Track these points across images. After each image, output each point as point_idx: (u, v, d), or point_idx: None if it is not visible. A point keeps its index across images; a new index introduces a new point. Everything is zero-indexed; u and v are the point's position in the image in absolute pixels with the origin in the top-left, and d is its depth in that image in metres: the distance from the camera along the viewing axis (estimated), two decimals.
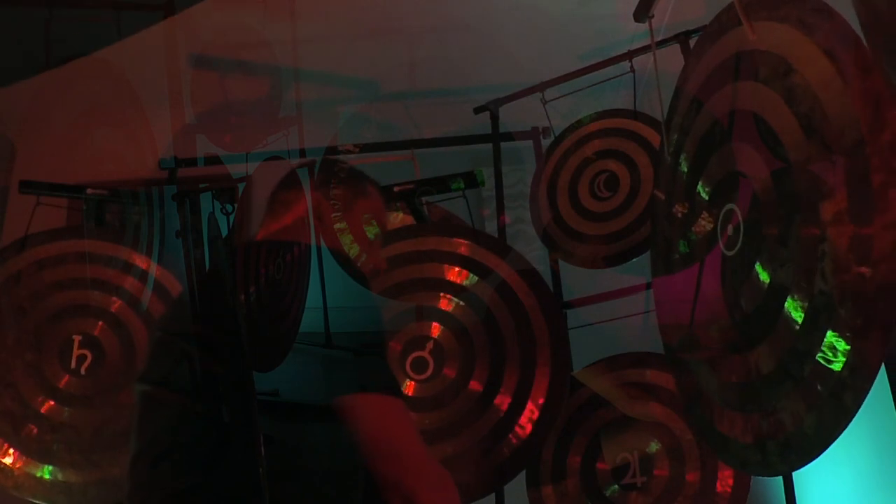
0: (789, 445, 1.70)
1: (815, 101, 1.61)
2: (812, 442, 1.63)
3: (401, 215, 3.30)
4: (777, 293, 1.71)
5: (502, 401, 2.74)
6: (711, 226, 2.01)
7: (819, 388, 1.58)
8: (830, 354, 1.55)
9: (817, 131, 1.61)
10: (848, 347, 1.52)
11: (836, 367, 1.54)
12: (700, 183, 2.07)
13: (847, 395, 1.52)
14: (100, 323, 2.90)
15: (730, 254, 1.90)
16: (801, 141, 1.66)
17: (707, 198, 2.04)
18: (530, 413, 2.72)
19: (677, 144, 2.21)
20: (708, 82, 2.03)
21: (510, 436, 2.72)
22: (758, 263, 1.78)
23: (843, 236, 1.54)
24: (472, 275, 2.84)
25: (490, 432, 2.73)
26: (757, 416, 1.79)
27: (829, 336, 1.55)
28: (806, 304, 1.62)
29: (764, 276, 1.76)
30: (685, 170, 2.17)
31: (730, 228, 1.90)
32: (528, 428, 2.72)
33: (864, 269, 1.49)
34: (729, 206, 1.91)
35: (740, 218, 1.86)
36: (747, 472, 2.41)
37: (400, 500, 1.63)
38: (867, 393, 1.50)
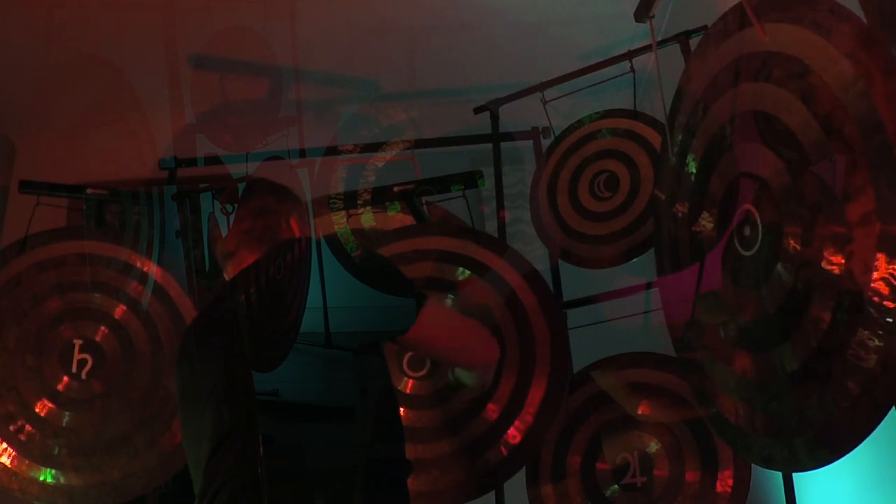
0: (819, 442, 1.70)
1: (836, 103, 1.61)
2: (844, 438, 1.64)
3: (401, 215, 3.31)
4: (802, 293, 1.71)
5: (500, 399, 2.74)
6: (723, 226, 2.00)
7: (850, 385, 1.58)
8: (863, 351, 1.55)
9: (839, 133, 1.61)
10: (881, 345, 1.52)
11: (870, 363, 1.54)
12: (710, 183, 2.06)
13: (880, 392, 1.53)
14: (101, 328, 2.89)
15: (747, 254, 1.89)
16: (822, 142, 1.65)
17: (720, 198, 2.03)
18: (528, 413, 2.72)
19: (683, 144, 2.20)
20: (716, 83, 2.02)
21: (507, 435, 2.72)
22: (780, 263, 1.77)
23: (870, 236, 1.54)
24: (472, 274, 2.84)
25: (487, 431, 2.73)
26: (785, 413, 1.78)
27: (861, 333, 1.55)
28: (833, 304, 1.62)
29: (786, 276, 1.76)
30: (693, 170, 2.16)
31: (747, 229, 1.89)
32: (526, 427, 2.72)
33: (893, 268, 1.49)
34: (745, 206, 1.90)
35: (758, 218, 1.85)
36: (772, 468, 2.40)
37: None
38: None
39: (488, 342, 2.05)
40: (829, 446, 1.68)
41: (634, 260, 3.07)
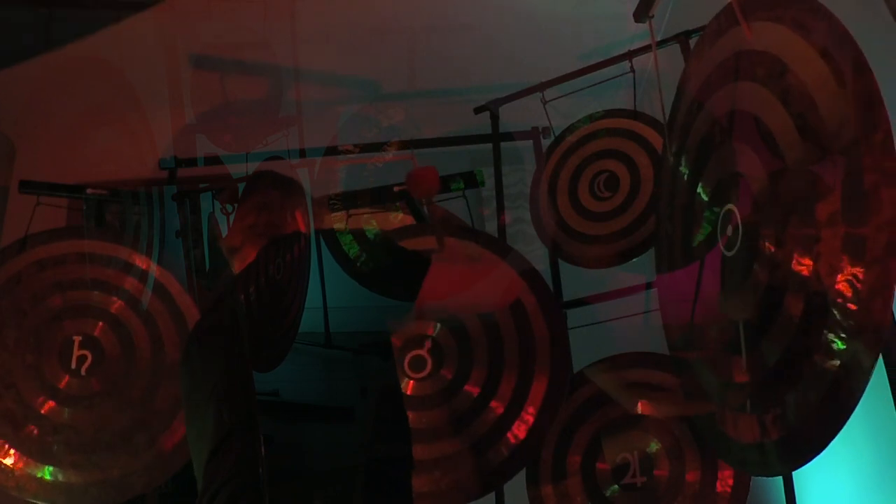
0: (787, 446, 1.70)
1: (810, 102, 1.61)
2: (809, 442, 1.63)
3: (401, 215, 3.30)
4: (774, 294, 1.71)
5: (501, 399, 2.74)
6: (712, 226, 2.00)
7: (816, 388, 1.58)
8: (826, 355, 1.55)
9: (812, 132, 1.61)
10: (844, 347, 1.52)
11: (833, 366, 1.54)
12: (701, 183, 2.07)
13: (843, 396, 1.53)
14: (100, 323, 2.89)
15: (729, 254, 1.90)
16: (796, 141, 1.66)
17: (707, 198, 2.04)
18: (528, 412, 2.72)
19: (680, 145, 2.21)
20: (708, 83, 2.03)
21: (508, 436, 2.72)
22: (755, 264, 1.78)
23: (836, 237, 1.54)
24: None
25: (487, 432, 2.73)
26: (755, 417, 1.79)
27: (825, 336, 1.55)
28: (802, 306, 1.62)
29: (761, 277, 1.76)
30: (687, 170, 2.17)
31: (729, 229, 1.89)
32: (526, 427, 2.72)
33: (857, 270, 1.49)
34: (728, 206, 1.90)
35: (739, 219, 1.86)
36: (747, 472, 2.41)
37: None
38: (863, 392, 1.50)
39: (503, 278, 2.03)
40: (796, 450, 1.68)
41: (635, 260, 3.07)
